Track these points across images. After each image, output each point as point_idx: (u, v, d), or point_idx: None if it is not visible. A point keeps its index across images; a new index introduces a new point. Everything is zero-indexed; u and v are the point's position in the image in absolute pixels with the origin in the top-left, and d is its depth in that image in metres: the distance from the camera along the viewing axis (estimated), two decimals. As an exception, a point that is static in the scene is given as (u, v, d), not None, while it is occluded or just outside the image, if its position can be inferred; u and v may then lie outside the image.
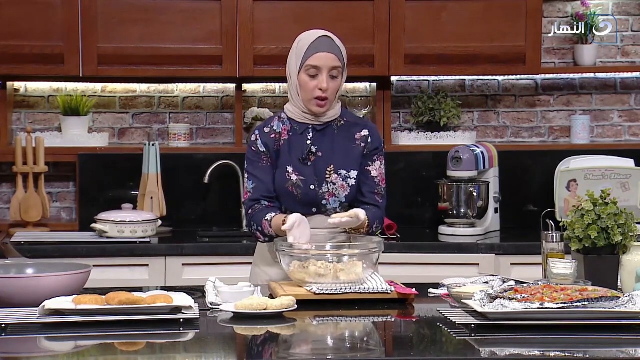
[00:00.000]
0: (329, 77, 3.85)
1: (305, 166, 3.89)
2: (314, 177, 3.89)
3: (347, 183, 3.90)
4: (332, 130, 3.93)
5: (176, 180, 5.65)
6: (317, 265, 3.60)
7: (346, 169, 3.90)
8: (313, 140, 3.91)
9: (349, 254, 3.63)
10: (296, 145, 3.91)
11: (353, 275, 3.60)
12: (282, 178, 3.89)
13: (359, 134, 3.95)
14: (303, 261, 3.62)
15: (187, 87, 5.83)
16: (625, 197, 5.42)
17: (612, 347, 3.04)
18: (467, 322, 3.14)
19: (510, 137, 5.98)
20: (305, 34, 3.93)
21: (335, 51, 3.86)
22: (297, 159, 3.90)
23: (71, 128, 5.64)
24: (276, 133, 3.93)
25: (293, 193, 3.88)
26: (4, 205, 5.74)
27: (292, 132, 3.92)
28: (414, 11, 5.54)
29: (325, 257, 3.61)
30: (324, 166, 3.90)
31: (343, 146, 3.92)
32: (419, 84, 5.93)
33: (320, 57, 3.84)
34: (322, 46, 3.85)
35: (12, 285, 3.35)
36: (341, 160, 3.91)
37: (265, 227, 3.84)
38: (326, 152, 3.91)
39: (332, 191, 3.89)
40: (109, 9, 5.43)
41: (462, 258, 5.20)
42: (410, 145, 5.70)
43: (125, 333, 3.12)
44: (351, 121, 3.99)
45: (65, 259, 4.80)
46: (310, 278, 3.59)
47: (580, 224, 3.61)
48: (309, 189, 3.88)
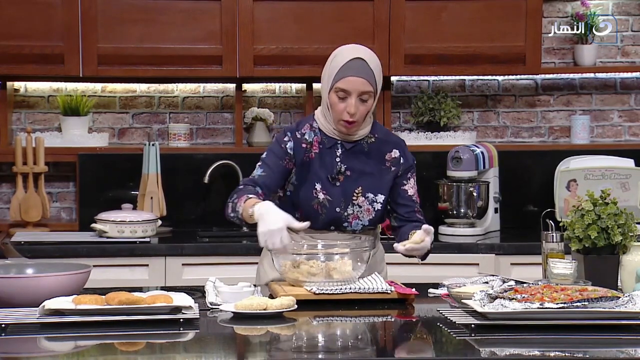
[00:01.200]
0: (358, 100, 3.71)
1: (334, 186, 3.81)
2: (341, 199, 3.80)
3: (373, 207, 3.82)
4: (361, 148, 3.83)
5: (176, 180, 5.65)
6: (308, 265, 3.60)
7: (374, 192, 3.81)
8: (342, 159, 3.81)
9: (340, 253, 3.62)
10: (326, 161, 3.80)
11: (346, 274, 3.60)
12: (309, 194, 3.80)
13: (389, 155, 3.85)
14: (293, 261, 3.61)
15: (187, 87, 5.83)
16: (625, 197, 5.42)
17: (612, 347, 3.04)
18: (467, 322, 3.14)
19: (510, 137, 5.98)
20: (341, 51, 3.78)
21: (367, 75, 3.71)
22: (326, 177, 3.80)
23: (71, 128, 5.64)
24: (307, 143, 3.82)
25: (318, 211, 3.79)
26: (4, 205, 5.74)
27: (322, 145, 3.81)
28: (413, 11, 5.54)
29: (317, 257, 3.60)
30: (352, 187, 3.81)
31: (373, 167, 3.83)
32: (419, 84, 5.93)
33: (350, 82, 3.70)
34: (354, 70, 3.70)
35: (12, 285, 3.35)
36: (370, 183, 3.81)
37: (240, 201, 3.66)
38: (355, 172, 3.81)
39: (356, 213, 3.81)
40: (109, 9, 5.43)
41: (462, 258, 5.21)
42: (410, 145, 5.57)
43: (125, 333, 3.12)
44: (382, 138, 3.86)
45: (65, 259, 4.80)
46: (303, 277, 3.59)
47: (580, 224, 3.61)
48: (335, 211, 3.80)
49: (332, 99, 3.74)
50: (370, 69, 3.73)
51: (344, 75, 3.71)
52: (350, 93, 3.71)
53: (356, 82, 3.70)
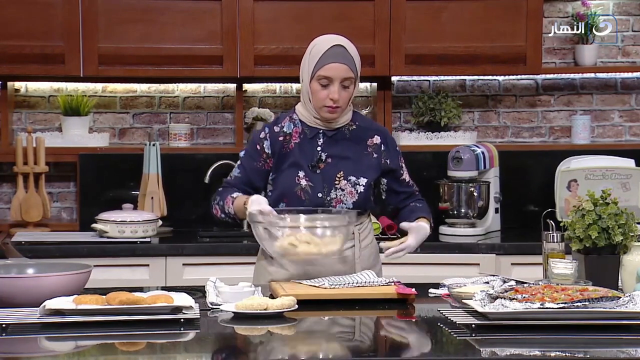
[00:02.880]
0: (340, 87, 3.79)
1: (314, 173, 3.86)
2: (322, 184, 3.85)
3: (356, 190, 3.87)
4: (343, 135, 3.90)
5: (177, 180, 5.65)
6: (294, 236, 3.64)
7: (355, 176, 3.87)
8: (323, 147, 3.88)
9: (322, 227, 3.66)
10: (307, 150, 3.87)
11: (332, 246, 3.66)
12: (291, 182, 3.86)
13: (371, 140, 3.91)
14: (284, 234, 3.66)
15: (188, 87, 5.83)
16: (626, 197, 5.42)
17: (612, 347, 3.04)
18: (468, 322, 3.14)
19: (510, 137, 5.98)
20: (320, 40, 3.86)
21: (348, 61, 3.79)
22: (307, 165, 3.86)
23: (72, 128, 5.64)
24: (286, 135, 3.88)
25: (301, 197, 3.85)
26: (5, 205, 5.74)
27: (302, 135, 3.88)
28: (414, 11, 5.54)
29: (299, 230, 3.65)
30: (333, 173, 3.87)
31: (354, 152, 3.89)
32: (420, 84, 5.93)
33: (331, 68, 3.78)
34: (335, 56, 3.78)
35: (12, 285, 3.35)
36: (351, 167, 3.87)
37: (227, 203, 3.84)
38: (336, 158, 3.87)
39: (339, 197, 3.86)
40: (109, 9, 5.43)
41: (462, 258, 5.21)
42: (411, 145, 5.70)
43: (125, 333, 3.12)
44: (363, 125, 3.94)
45: (66, 259, 4.80)
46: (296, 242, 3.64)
47: (580, 224, 3.61)
48: (317, 197, 3.85)
49: (314, 87, 3.81)
50: (350, 55, 3.81)
51: (325, 62, 3.78)
52: (333, 80, 3.78)
53: (338, 69, 3.78)
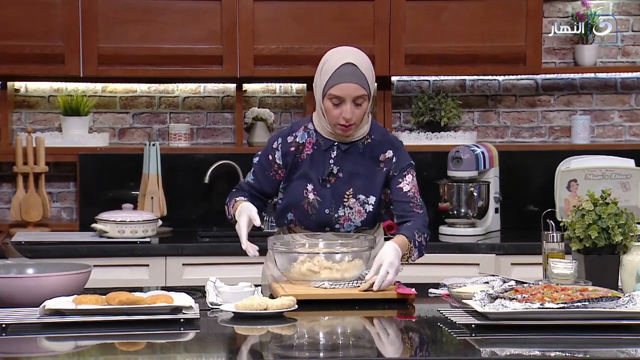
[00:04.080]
0: (353, 105, 3.69)
1: (324, 187, 3.80)
2: (330, 200, 3.79)
3: (365, 209, 3.80)
4: (356, 150, 3.80)
5: (176, 180, 5.65)
6: (312, 262, 3.63)
7: (365, 194, 3.80)
8: (335, 160, 3.79)
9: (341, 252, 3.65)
10: (318, 162, 3.79)
11: (354, 271, 3.65)
12: (299, 193, 3.80)
13: (383, 156, 3.81)
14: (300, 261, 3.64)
15: (188, 87, 5.83)
16: (626, 197, 5.42)
17: (612, 347, 3.04)
18: (468, 322, 3.14)
19: (510, 137, 5.98)
20: (331, 56, 3.74)
21: (359, 79, 3.68)
22: (317, 178, 3.79)
23: (71, 128, 5.64)
24: (299, 145, 3.81)
25: (308, 212, 3.81)
26: (5, 205, 5.74)
27: (316, 146, 3.80)
28: (414, 11, 5.53)
29: (319, 256, 3.64)
30: (343, 189, 3.79)
31: (365, 169, 3.80)
32: (420, 84, 5.93)
33: (342, 88, 3.67)
34: (345, 76, 3.67)
35: (12, 285, 3.35)
36: (361, 185, 3.79)
37: (231, 207, 3.86)
38: (347, 173, 3.79)
39: (347, 215, 3.81)
40: (109, 9, 5.43)
41: (462, 258, 5.21)
42: (411, 145, 5.65)
43: (125, 333, 3.12)
44: (377, 139, 3.82)
45: (66, 259, 4.79)
46: (306, 276, 3.62)
47: (580, 224, 3.61)
48: (324, 213, 3.80)
49: (327, 105, 3.72)
50: (361, 73, 3.70)
51: (336, 82, 3.68)
52: (344, 99, 3.68)
53: (349, 88, 3.68)
